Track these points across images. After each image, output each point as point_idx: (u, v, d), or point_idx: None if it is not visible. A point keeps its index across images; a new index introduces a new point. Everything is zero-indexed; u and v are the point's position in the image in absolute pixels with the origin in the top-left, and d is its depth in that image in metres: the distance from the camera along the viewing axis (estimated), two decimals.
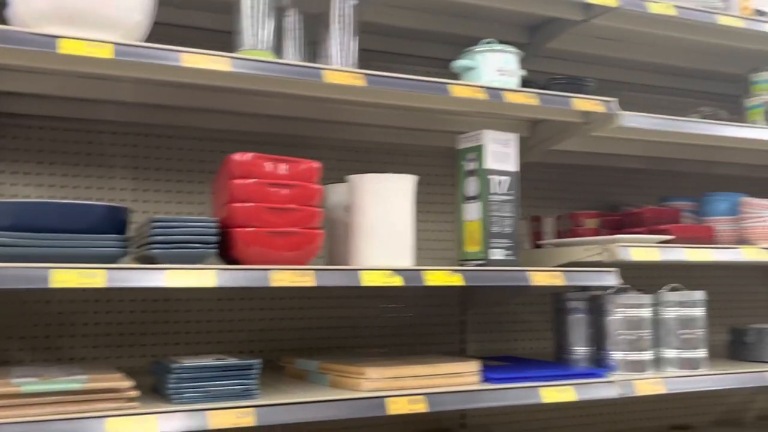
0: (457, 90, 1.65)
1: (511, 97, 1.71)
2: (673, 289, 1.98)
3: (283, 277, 1.47)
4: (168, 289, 1.93)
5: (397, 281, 1.57)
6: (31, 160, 1.86)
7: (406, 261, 1.66)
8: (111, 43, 1.35)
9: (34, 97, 1.73)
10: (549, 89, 1.87)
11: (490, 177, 1.77)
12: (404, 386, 1.61)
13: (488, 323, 2.39)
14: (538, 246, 2.26)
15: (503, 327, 2.41)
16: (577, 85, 1.93)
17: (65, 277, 1.31)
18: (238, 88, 1.69)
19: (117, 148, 1.93)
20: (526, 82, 1.90)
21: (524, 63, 2.15)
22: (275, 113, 1.83)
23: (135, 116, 1.83)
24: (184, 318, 1.99)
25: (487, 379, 1.72)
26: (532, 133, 2.13)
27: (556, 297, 2.07)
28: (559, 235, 2.33)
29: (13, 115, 1.80)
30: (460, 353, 2.34)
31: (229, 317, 2.03)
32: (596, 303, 1.95)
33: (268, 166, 1.54)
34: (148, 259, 1.50)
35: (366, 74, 1.56)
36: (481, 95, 1.67)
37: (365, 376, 1.59)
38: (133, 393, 1.38)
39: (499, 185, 1.78)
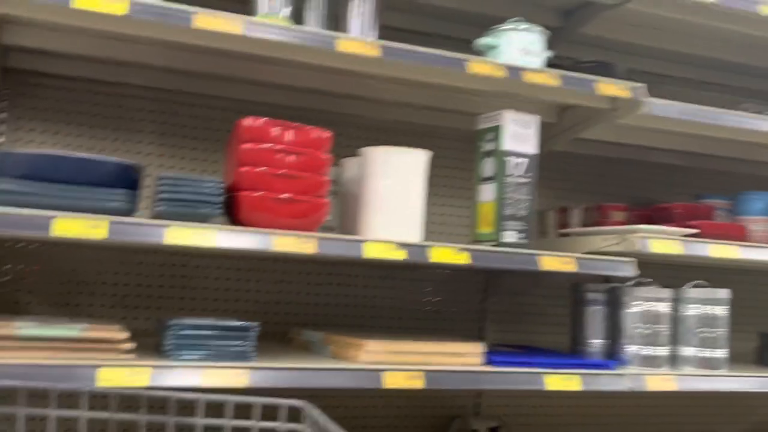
0: (475, 66, 1.62)
1: (530, 77, 1.67)
2: (696, 286, 1.92)
3: (285, 242, 1.47)
4: (191, 252, 1.96)
5: (401, 255, 1.55)
6: (61, 120, 1.91)
7: (414, 237, 1.65)
8: None
9: (63, 56, 1.77)
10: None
11: (507, 158, 1.74)
12: (403, 361, 1.60)
13: (509, 313, 2.36)
14: (563, 235, 2.22)
15: (524, 318, 2.38)
16: (604, 70, 1.88)
17: (67, 225, 1.34)
18: (260, 56, 1.70)
19: (144, 113, 1.97)
20: (552, 65, 1.86)
21: (556, 48, 2.11)
22: (297, 84, 1.84)
23: (160, 81, 1.86)
24: (203, 284, 2.02)
25: (490, 362, 1.69)
26: (559, 120, 2.09)
27: (574, 288, 2.03)
28: (586, 227, 2.28)
29: (43, 75, 1.85)
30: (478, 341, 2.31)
31: (254, 287, 2.05)
32: (614, 295, 1.90)
33: (278, 132, 1.55)
34: (157, 217, 1.53)
35: (381, 45, 1.55)
36: (500, 73, 1.65)
37: (364, 347, 1.58)
38: (128, 345, 1.41)
39: (516, 167, 1.75)
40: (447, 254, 1.59)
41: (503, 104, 1.97)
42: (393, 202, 1.63)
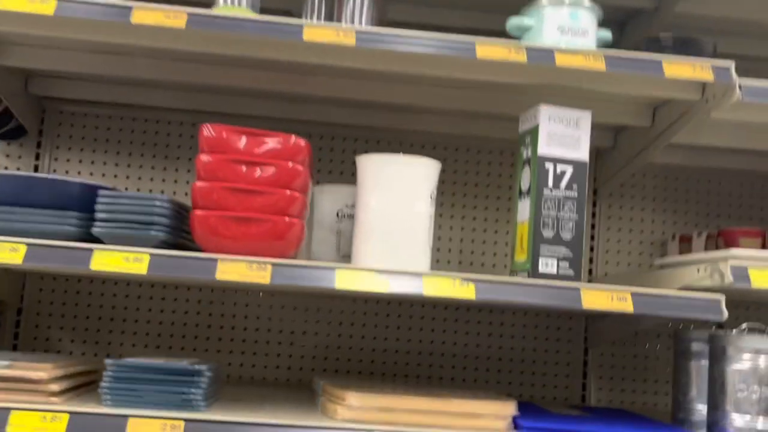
0: (484, 50, 1.29)
1: (564, 60, 1.30)
2: None
3: (232, 270, 1.23)
4: (234, 287, 1.79)
5: (384, 286, 1.24)
6: (88, 148, 1.84)
7: (419, 265, 1.33)
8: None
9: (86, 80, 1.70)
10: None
11: (544, 166, 1.37)
12: (394, 421, 1.27)
13: (613, 366, 1.91)
14: (663, 267, 1.76)
15: (629, 373, 1.92)
16: (688, 48, 1.44)
17: None
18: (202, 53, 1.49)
19: (176, 138, 1.85)
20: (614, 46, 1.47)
21: (650, 32, 1.71)
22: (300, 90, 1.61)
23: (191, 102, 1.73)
24: (243, 325, 1.83)
25: (518, 428, 1.31)
26: (654, 123, 1.66)
27: (676, 337, 1.57)
28: None
29: (68, 101, 1.80)
30: (580, 402, 1.90)
31: (313, 329, 1.84)
32: (716, 345, 1.43)
33: (241, 141, 1.31)
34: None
35: (356, 31, 1.28)
36: (519, 57, 1.30)
37: (345, 402, 1.28)
38: (55, 387, 1.23)
39: (557, 177, 1.37)
40: (445, 286, 1.25)
41: (568, 103, 1.60)
42: (389, 222, 1.33)
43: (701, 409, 1.50)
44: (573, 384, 1.90)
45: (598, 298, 1.26)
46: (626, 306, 1.26)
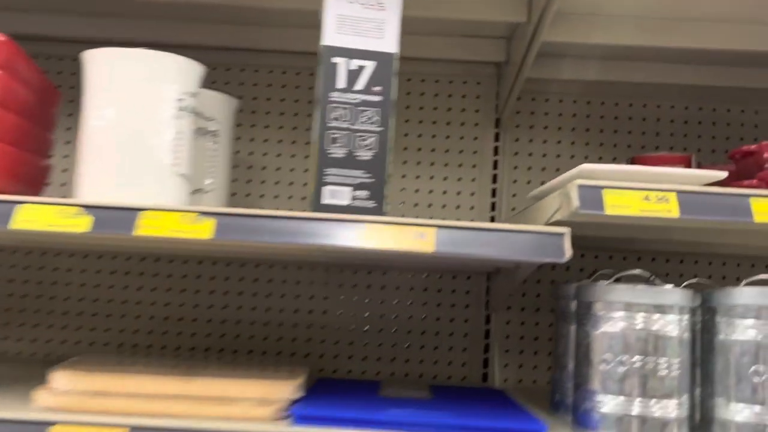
0: None
1: None
2: (753, 284, 1.00)
3: None
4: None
5: (82, 225, 0.90)
6: None
7: (161, 196, 0.98)
8: None
9: None
10: None
11: (332, 60, 1.01)
12: (108, 409, 0.93)
13: (525, 338, 1.54)
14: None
15: (548, 346, 1.54)
16: None
17: None
18: None
19: None
20: None
21: None
22: None
23: None
24: (79, 295, 1.52)
25: (292, 416, 0.96)
26: (528, 18, 1.28)
27: (554, 291, 1.20)
28: None
29: None
30: (481, 382, 1.54)
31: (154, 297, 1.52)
32: (582, 302, 1.05)
33: None
34: None
35: None
36: None
37: (49, 385, 0.95)
38: None
39: (352, 76, 1.01)
40: (171, 224, 0.90)
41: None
42: (113, 140, 0.98)
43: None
44: (472, 359, 1.54)
45: (382, 233, 0.90)
46: (425, 245, 0.90)
